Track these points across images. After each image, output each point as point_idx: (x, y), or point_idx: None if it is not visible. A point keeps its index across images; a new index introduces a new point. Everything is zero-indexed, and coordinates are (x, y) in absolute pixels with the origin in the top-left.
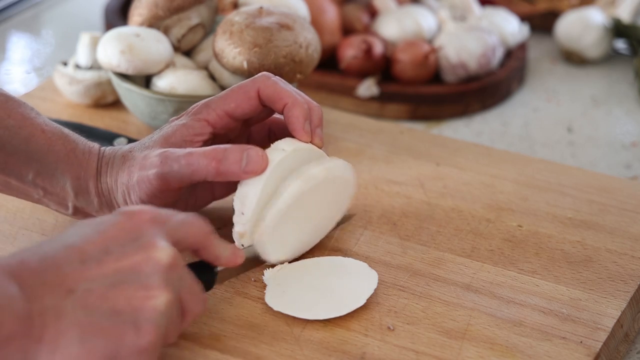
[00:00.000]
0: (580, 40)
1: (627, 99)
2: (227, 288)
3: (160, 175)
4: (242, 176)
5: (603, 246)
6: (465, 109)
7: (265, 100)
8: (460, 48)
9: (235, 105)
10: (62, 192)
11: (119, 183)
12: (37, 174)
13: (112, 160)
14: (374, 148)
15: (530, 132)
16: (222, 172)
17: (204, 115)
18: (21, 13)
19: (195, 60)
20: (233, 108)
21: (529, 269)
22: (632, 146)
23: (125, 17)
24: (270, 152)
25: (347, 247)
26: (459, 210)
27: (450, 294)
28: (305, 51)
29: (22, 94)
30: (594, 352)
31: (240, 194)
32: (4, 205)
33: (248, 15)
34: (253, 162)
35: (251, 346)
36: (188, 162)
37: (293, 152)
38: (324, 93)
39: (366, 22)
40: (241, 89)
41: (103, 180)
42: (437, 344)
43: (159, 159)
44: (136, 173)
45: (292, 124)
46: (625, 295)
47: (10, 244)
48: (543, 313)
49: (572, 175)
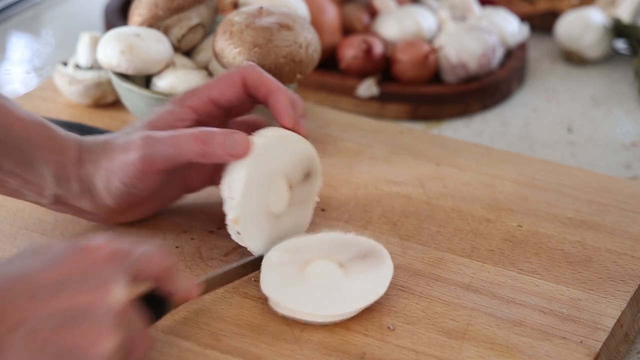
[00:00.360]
0: (580, 40)
1: (627, 99)
2: (227, 288)
3: (144, 156)
4: (226, 158)
5: (603, 246)
6: (465, 109)
7: (251, 87)
8: (460, 48)
9: (220, 93)
10: (40, 181)
11: (101, 169)
12: (16, 163)
13: (93, 147)
14: (374, 148)
15: (530, 132)
16: (207, 153)
17: (188, 102)
18: (21, 13)
19: (195, 60)
20: (217, 95)
21: (529, 269)
22: (632, 146)
23: (125, 17)
24: (254, 138)
25: None
26: (459, 210)
27: (450, 294)
28: (305, 51)
29: (22, 94)
30: (594, 352)
31: (227, 181)
32: (4, 205)
33: (248, 15)
34: (238, 145)
35: (251, 346)
36: (173, 143)
37: (277, 138)
38: (324, 93)
39: (366, 22)
40: (226, 77)
41: (83, 166)
42: (437, 344)
43: (142, 141)
44: (119, 157)
45: (277, 109)
46: (625, 295)
47: (10, 244)
48: (543, 313)
49: (572, 175)
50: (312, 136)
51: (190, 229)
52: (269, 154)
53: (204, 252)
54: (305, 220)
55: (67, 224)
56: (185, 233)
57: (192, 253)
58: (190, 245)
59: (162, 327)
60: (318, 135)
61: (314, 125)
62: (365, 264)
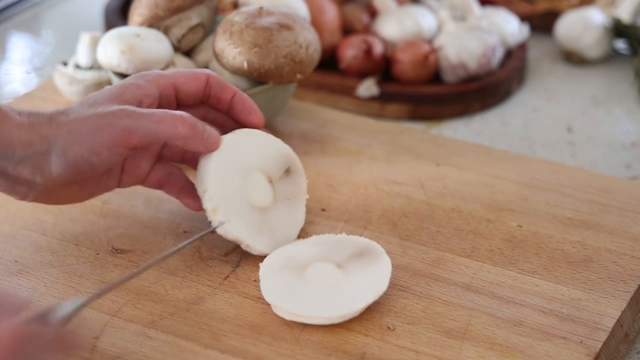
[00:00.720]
0: (580, 40)
1: (627, 99)
2: (227, 288)
3: (127, 127)
4: (201, 148)
5: (603, 246)
6: (465, 109)
7: (214, 87)
8: (460, 48)
9: (184, 82)
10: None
11: (64, 132)
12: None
13: (53, 115)
14: (374, 148)
15: (530, 132)
16: (190, 137)
17: (154, 79)
18: (21, 13)
19: (195, 60)
20: (182, 82)
21: (529, 269)
22: (632, 146)
23: (125, 17)
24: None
25: None
26: (459, 210)
27: (450, 294)
28: (305, 51)
29: (22, 94)
30: (594, 352)
31: (199, 176)
32: (4, 205)
33: (248, 15)
34: (212, 138)
35: (251, 346)
36: (159, 120)
37: (246, 134)
38: (324, 93)
39: (366, 22)
40: (193, 72)
41: (37, 130)
42: (437, 344)
43: (125, 112)
44: (95, 122)
45: (245, 108)
46: (625, 295)
47: (10, 243)
48: (543, 313)
49: (572, 175)
50: (312, 136)
51: (190, 229)
52: (239, 148)
53: (204, 252)
54: (298, 217)
55: (67, 224)
56: (185, 233)
57: (192, 253)
58: (190, 245)
59: (162, 327)
60: (318, 135)
61: (314, 125)
62: (362, 262)
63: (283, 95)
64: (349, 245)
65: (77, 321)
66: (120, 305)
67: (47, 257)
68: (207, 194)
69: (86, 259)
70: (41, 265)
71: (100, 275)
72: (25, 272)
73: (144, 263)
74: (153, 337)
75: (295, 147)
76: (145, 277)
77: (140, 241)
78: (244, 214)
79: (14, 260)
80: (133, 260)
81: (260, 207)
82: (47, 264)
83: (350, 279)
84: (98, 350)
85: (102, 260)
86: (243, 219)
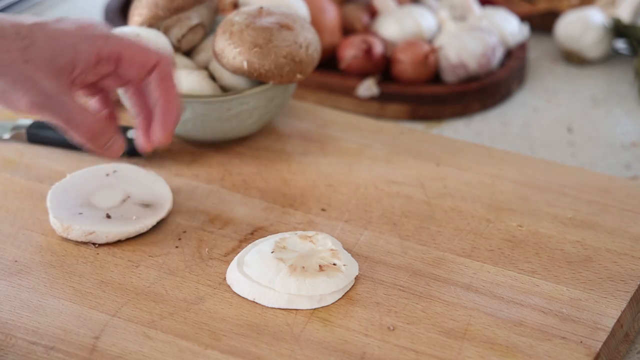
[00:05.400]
0: (580, 40)
1: (627, 99)
2: (227, 288)
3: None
4: (99, 153)
5: (603, 246)
6: (465, 109)
7: (158, 75)
8: (460, 48)
9: (130, 56)
10: None
11: (57, 28)
12: None
13: (37, 18)
14: (374, 148)
15: (530, 132)
16: (88, 141)
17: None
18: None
19: (195, 60)
20: (126, 57)
21: (529, 269)
22: (632, 146)
23: (125, 17)
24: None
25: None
26: (459, 210)
27: (450, 294)
28: (305, 51)
29: None
30: (594, 352)
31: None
32: (4, 205)
33: (248, 15)
34: (113, 148)
35: (251, 346)
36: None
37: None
38: (324, 93)
39: (366, 22)
40: (146, 51)
41: (24, 24)
42: (437, 344)
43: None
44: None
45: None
46: (625, 295)
47: (10, 243)
48: (543, 313)
49: (572, 175)
50: (312, 136)
51: (190, 229)
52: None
53: (204, 252)
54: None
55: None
56: (185, 233)
57: (192, 253)
58: (190, 245)
59: (162, 327)
60: (318, 135)
61: (314, 125)
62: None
63: (283, 95)
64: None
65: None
66: (120, 305)
67: (47, 257)
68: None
69: (86, 259)
70: (41, 265)
71: (100, 275)
72: (25, 272)
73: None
74: (153, 337)
75: (295, 147)
76: (145, 277)
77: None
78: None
79: (14, 260)
80: (133, 260)
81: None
82: (47, 264)
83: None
84: (98, 350)
85: (102, 260)
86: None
